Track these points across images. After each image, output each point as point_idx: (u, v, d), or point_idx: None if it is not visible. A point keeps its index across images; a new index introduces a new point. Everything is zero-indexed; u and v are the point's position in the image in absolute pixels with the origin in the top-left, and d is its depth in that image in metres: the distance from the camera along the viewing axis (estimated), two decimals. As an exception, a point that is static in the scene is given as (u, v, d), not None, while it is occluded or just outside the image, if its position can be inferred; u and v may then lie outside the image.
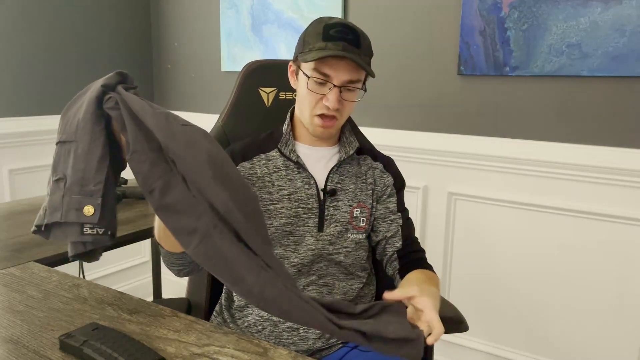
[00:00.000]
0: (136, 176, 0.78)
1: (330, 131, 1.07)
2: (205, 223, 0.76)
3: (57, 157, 0.82)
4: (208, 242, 0.76)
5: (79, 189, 0.79)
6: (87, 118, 0.80)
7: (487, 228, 1.86)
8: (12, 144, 2.14)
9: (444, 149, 1.88)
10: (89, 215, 0.79)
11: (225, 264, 0.76)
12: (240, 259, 0.76)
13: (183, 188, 0.77)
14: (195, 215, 0.76)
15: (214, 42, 2.43)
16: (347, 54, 0.97)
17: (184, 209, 0.77)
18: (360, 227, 1.10)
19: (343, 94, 1.02)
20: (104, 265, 2.53)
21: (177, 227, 0.77)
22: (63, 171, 0.80)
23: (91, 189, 0.79)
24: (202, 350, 0.76)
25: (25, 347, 0.76)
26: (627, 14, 1.50)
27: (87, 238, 0.80)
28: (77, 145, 0.80)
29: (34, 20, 2.16)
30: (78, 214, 0.79)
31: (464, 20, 1.76)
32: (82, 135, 0.80)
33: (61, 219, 0.78)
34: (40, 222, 0.81)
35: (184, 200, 0.77)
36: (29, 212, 1.48)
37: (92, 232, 0.80)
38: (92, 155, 0.80)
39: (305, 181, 1.09)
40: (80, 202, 0.79)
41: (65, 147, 0.81)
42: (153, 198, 0.77)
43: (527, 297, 1.81)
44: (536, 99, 1.70)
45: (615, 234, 1.62)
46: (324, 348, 1.06)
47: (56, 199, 0.80)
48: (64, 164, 0.81)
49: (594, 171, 1.62)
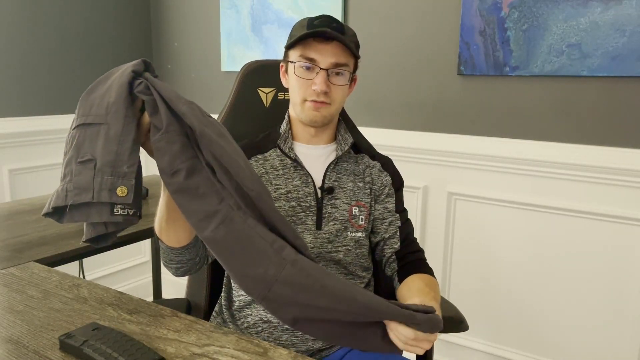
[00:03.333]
0: (162, 155, 0.81)
1: (324, 114, 1.06)
2: (228, 205, 0.80)
3: (81, 139, 0.81)
4: (228, 225, 0.79)
5: (111, 170, 0.80)
6: (120, 102, 0.81)
7: (487, 228, 1.86)
8: (12, 144, 2.14)
9: (444, 149, 1.88)
10: (122, 196, 0.79)
11: (238, 247, 0.79)
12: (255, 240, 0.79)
13: (207, 174, 0.81)
14: (217, 199, 0.80)
15: (214, 42, 2.43)
16: (329, 31, 0.99)
17: (206, 192, 0.80)
18: (359, 226, 1.10)
19: (331, 78, 1.03)
20: (104, 265, 2.53)
21: (196, 210, 0.80)
22: (91, 153, 0.80)
23: (124, 171, 0.80)
24: (202, 350, 0.76)
25: (25, 347, 0.76)
26: (627, 14, 1.50)
27: (117, 218, 0.80)
28: (109, 127, 0.81)
29: (34, 20, 2.16)
30: (111, 195, 0.79)
31: (464, 20, 1.76)
32: (114, 118, 0.81)
33: (93, 199, 0.78)
34: (60, 203, 0.80)
35: (207, 184, 0.81)
36: (29, 212, 1.48)
37: (123, 213, 0.80)
38: (126, 137, 0.81)
39: (302, 179, 1.09)
40: (113, 182, 0.79)
41: (92, 129, 0.81)
42: (176, 179, 0.81)
43: (527, 297, 1.81)
44: (536, 99, 1.70)
45: (615, 234, 1.62)
46: (324, 348, 1.06)
47: (85, 180, 0.79)
48: (90, 146, 0.81)
49: (594, 171, 1.62)
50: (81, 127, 0.82)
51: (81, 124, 0.83)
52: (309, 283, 0.78)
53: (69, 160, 0.82)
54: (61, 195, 0.80)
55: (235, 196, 0.81)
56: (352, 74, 1.07)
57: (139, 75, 0.83)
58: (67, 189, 0.80)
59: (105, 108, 0.81)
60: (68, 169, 0.81)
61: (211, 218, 0.80)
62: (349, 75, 1.06)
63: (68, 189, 0.80)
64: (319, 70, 1.02)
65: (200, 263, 1.03)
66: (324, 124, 1.09)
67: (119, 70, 0.86)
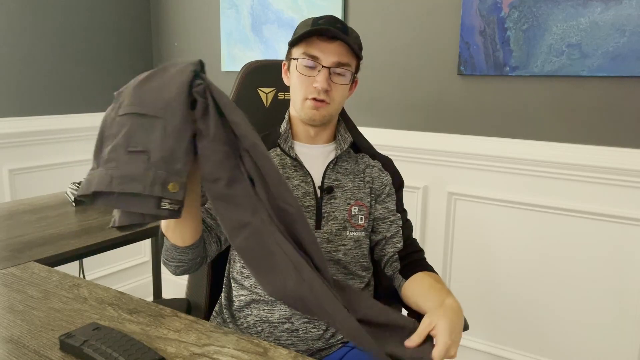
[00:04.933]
0: (206, 162, 0.83)
1: (323, 114, 1.06)
2: (260, 219, 0.84)
3: (132, 128, 0.81)
4: (257, 238, 0.84)
5: (165, 165, 0.80)
6: (181, 100, 0.82)
7: (487, 228, 1.86)
8: (12, 144, 2.14)
9: (444, 149, 1.88)
10: (173, 192, 0.80)
11: (264, 259, 0.84)
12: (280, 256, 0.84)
13: (247, 185, 0.85)
14: (251, 211, 0.84)
15: (214, 42, 2.43)
16: (333, 29, 1.00)
17: (243, 203, 0.84)
18: (359, 225, 1.10)
19: (333, 77, 1.03)
20: (104, 265, 2.53)
21: (231, 218, 0.85)
22: (143, 144, 0.81)
23: (179, 168, 0.81)
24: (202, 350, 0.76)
25: (26, 347, 0.76)
26: (627, 14, 1.50)
27: (163, 212, 0.81)
28: (166, 123, 0.81)
29: (34, 20, 2.16)
30: (163, 189, 0.80)
31: (464, 21, 1.76)
32: (172, 114, 0.81)
33: (144, 191, 0.79)
34: (103, 188, 0.79)
35: (244, 195, 0.84)
36: (29, 212, 1.48)
37: (170, 207, 0.81)
38: (183, 136, 0.82)
39: (302, 179, 1.09)
40: (166, 178, 0.80)
41: (146, 121, 0.81)
42: (216, 186, 0.84)
43: (527, 297, 1.81)
44: (536, 99, 1.70)
45: (616, 234, 1.62)
46: (324, 348, 1.06)
47: (135, 170, 0.80)
48: (143, 137, 0.81)
49: (593, 171, 1.62)
50: (132, 116, 0.82)
51: (133, 113, 0.82)
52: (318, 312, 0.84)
53: (116, 147, 0.81)
54: (105, 180, 0.80)
55: (270, 210, 0.85)
56: (353, 74, 1.07)
57: (198, 76, 0.84)
58: (112, 175, 0.80)
59: (163, 102, 0.81)
60: (114, 154, 0.81)
61: (243, 228, 0.84)
62: (351, 76, 1.06)
63: (114, 175, 0.80)
64: (321, 68, 1.02)
65: (200, 263, 1.03)
66: (322, 123, 1.09)
67: (176, 66, 0.86)
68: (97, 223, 1.40)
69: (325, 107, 1.05)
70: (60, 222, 1.40)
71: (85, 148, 2.40)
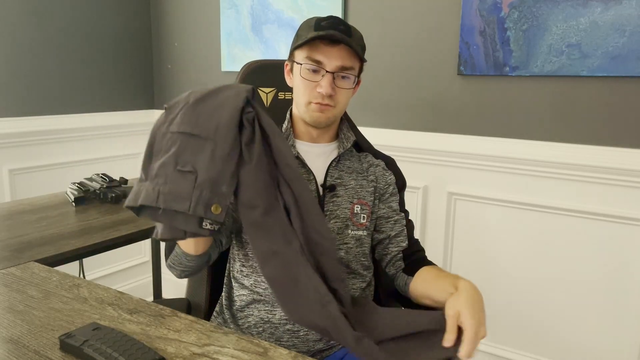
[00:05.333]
0: (246, 189, 0.86)
1: (328, 116, 1.06)
2: (293, 249, 0.87)
3: (182, 147, 0.85)
4: (287, 268, 0.86)
5: (211, 186, 0.84)
6: (232, 125, 0.86)
7: (486, 228, 1.86)
8: (12, 144, 2.14)
9: (444, 149, 1.88)
10: (216, 214, 0.83)
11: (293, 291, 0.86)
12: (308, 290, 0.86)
13: (282, 215, 0.88)
14: (283, 241, 0.87)
15: (214, 42, 2.43)
16: (338, 34, 0.99)
17: (277, 232, 0.87)
18: (360, 224, 1.10)
19: (336, 81, 1.03)
20: (104, 265, 2.53)
21: (263, 245, 0.87)
22: (192, 164, 0.84)
23: (223, 191, 0.84)
24: (202, 350, 0.76)
25: (26, 347, 0.76)
26: (627, 14, 1.50)
27: (204, 232, 0.84)
28: (216, 145, 0.85)
29: (34, 20, 2.16)
30: (206, 210, 0.83)
31: (464, 21, 1.76)
32: (223, 138, 0.85)
33: (189, 210, 0.82)
34: (150, 203, 0.83)
35: (279, 224, 0.87)
36: (29, 212, 1.48)
37: (210, 227, 0.85)
38: (231, 160, 0.85)
39: (304, 177, 1.09)
40: (210, 199, 0.83)
41: (197, 142, 0.85)
42: (252, 213, 0.87)
43: (526, 297, 1.81)
44: (536, 99, 1.70)
45: (615, 234, 1.62)
46: (325, 349, 1.06)
47: (182, 189, 0.83)
48: (192, 157, 0.85)
49: (594, 171, 1.62)
50: (185, 135, 0.86)
51: (185, 132, 0.86)
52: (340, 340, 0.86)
53: (165, 164, 0.85)
54: (152, 195, 0.83)
55: (302, 240, 0.87)
56: (356, 77, 1.07)
57: (249, 102, 0.88)
58: (159, 191, 0.83)
59: (215, 125, 0.85)
60: (162, 170, 0.84)
61: (275, 256, 0.87)
62: (354, 79, 1.06)
63: (161, 191, 0.83)
64: (325, 73, 1.01)
65: (203, 267, 1.05)
66: (327, 125, 1.09)
67: (230, 90, 0.90)
68: (97, 223, 1.40)
69: (330, 109, 1.05)
70: (60, 222, 1.40)
71: (86, 148, 2.40)
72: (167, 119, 0.88)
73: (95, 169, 2.33)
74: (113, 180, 1.67)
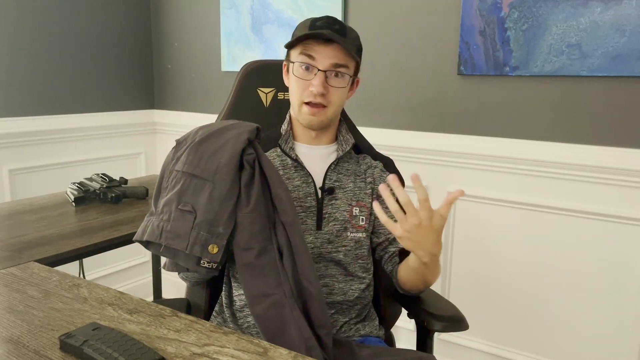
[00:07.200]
0: (242, 231, 0.89)
1: (321, 119, 1.06)
2: (283, 292, 0.88)
3: (185, 187, 0.89)
4: (277, 309, 0.88)
5: (208, 227, 0.87)
6: (231, 167, 0.88)
7: (487, 228, 1.86)
8: (12, 144, 2.14)
9: (444, 149, 1.88)
10: (213, 253, 0.87)
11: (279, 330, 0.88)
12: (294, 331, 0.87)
13: (275, 257, 0.90)
14: (275, 283, 0.89)
15: (214, 42, 2.43)
16: (328, 32, 0.99)
17: (269, 273, 0.89)
18: (359, 226, 1.10)
19: (329, 79, 1.03)
20: (104, 265, 2.53)
21: (255, 286, 0.89)
22: (192, 204, 0.88)
23: (220, 231, 0.87)
24: (202, 350, 0.76)
25: (25, 347, 0.76)
26: (627, 14, 1.50)
27: (201, 270, 0.88)
28: (214, 187, 0.87)
29: (34, 20, 2.16)
30: (202, 250, 0.86)
31: (464, 20, 1.76)
32: (222, 180, 0.88)
33: (186, 250, 0.86)
34: (154, 239, 0.88)
35: (271, 266, 0.89)
36: (29, 212, 1.48)
37: (207, 266, 0.89)
38: (228, 201, 0.88)
39: (303, 180, 1.09)
40: (207, 240, 0.86)
41: (198, 182, 0.88)
42: (246, 254, 0.89)
43: (527, 297, 1.81)
44: (536, 99, 1.70)
45: (616, 234, 1.62)
46: (324, 348, 1.06)
47: (182, 229, 0.87)
48: (192, 197, 0.88)
49: (594, 171, 1.62)
50: (187, 175, 0.89)
51: (189, 173, 0.89)
52: None
53: (169, 201, 0.89)
54: (156, 232, 0.88)
55: (292, 284, 0.89)
56: (352, 77, 1.07)
57: (251, 143, 0.91)
58: (162, 228, 0.88)
59: (215, 167, 0.88)
60: (167, 208, 0.89)
61: (265, 298, 0.89)
62: (349, 78, 1.06)
63: (164, 228, 0.88)
64: (317, 71, 1.02)
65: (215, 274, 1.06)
66: (320, 128, 1.09)
67: (234, 129, 0.93)
68: (97, 223, 1.40)
69: (322, 111, 1.04)
70: (60, 222, 1.40)
71: (86, 148, 2.40)
72: (175, 156, 0.92)
73: (95, 169, 2.33)
74: (113, 180, 1.67)
